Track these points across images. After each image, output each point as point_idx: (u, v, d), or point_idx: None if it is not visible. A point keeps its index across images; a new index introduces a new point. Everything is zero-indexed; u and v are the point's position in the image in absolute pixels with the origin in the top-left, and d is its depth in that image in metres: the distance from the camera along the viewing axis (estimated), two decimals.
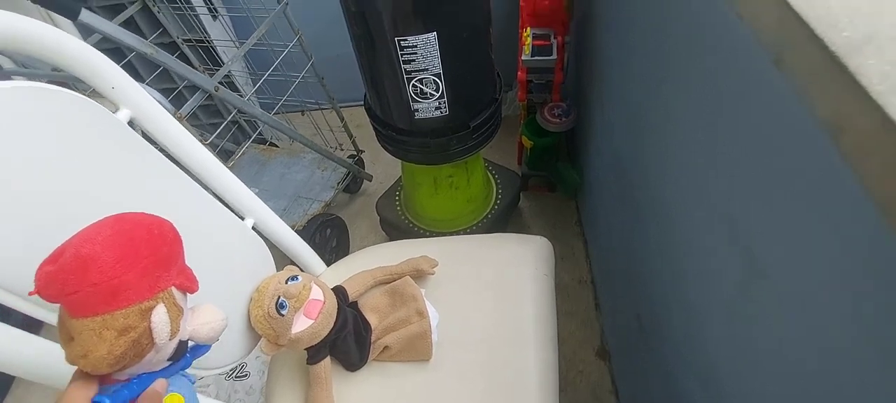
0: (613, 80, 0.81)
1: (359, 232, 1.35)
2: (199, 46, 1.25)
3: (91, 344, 0.27)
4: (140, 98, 0.44)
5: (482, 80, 0.84)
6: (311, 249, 0.72)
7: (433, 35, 0.69)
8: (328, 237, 1.21)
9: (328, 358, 0.59)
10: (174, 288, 0.31)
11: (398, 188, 1.22)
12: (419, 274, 0.66)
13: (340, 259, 0.75)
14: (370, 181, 1.43)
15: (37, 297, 0.26)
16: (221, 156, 1.28)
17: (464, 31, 0.72)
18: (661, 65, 0.59)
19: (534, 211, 1.29)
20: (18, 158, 0.35)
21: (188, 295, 0.34)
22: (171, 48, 1.23)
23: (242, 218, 0.60)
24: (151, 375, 0.31)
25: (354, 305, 0.63)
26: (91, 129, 0.40)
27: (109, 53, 0.45)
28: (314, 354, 0.58)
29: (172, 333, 0.31)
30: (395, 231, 1.19)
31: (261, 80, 1.01)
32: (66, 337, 0.27)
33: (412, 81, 0.74)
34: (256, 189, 0.85)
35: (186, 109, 0.80)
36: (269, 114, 1.01)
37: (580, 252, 1.18)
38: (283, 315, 0.53)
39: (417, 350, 0.59)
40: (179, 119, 0.71)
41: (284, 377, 0.63)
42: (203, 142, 0.54)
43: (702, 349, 0.53)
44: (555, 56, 0.93)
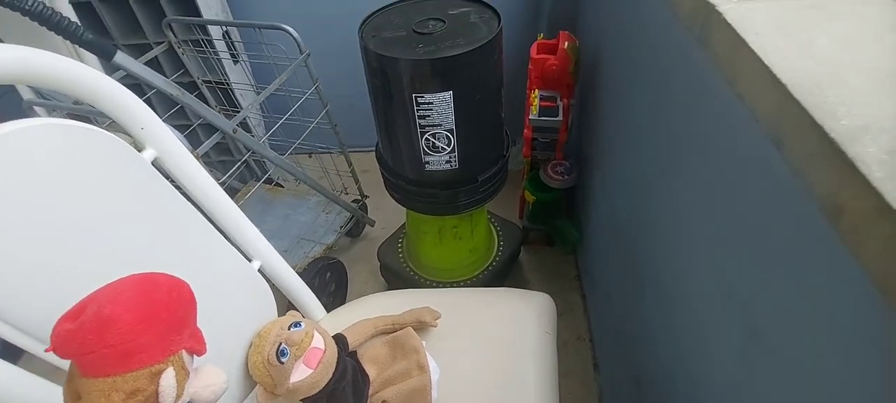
0: (615, 146, 0.84)
1: (359, 278, 1.34)
2: (218, 88, 1.29)
3: None
4: (166, 138, 0.46)
5: (492, 137, 0.87)
6: (313, 294, 0.72)
7: (449, 94, 0.72)
8: (328, 281, 1.20)
9: None
10: (184, 351, 0.31)
11: (401, 235, 1.23)
12: (421, 326, 0.65)
13: (339, 304, 0.74)
14: (372, 226, 1.43)
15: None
16: (228, 193, 1.30)
17: (477, 93, 0.76)
18: (662, 136, 0.61)
19: (533, 265, 1.29)
20: (45, 193, 0.36)
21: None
22: (191, 87, 1.28)
23: (250, 260, 0.60)
24: None
25: (354, 355, 0.62)
26: (117, 168, 0.42)
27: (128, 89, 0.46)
28: None
29: (177, 396, 0.31)
30: (396, 278, 1.18)
31: (277, 125, 1.04)
32: (74, 395, 0.27)
33: (426, 135, 0.77)
34: (260, 228, 0.86)
35: (202, 149, 0.82)
36: (281, 155, 1.03)
37: (579, 308, 1.17)
38: (284, 363, 0.52)
39: None
40: (196, 158, 0.73)
41: None
42: (217, 181, 0.55)
43: None
44: (560, 117, 0.97)
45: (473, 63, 0.73)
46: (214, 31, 1.20)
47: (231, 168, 1.00)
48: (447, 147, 0.78)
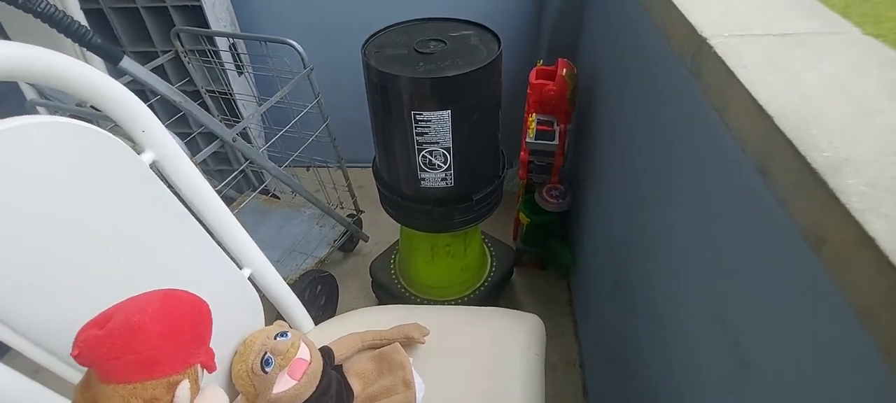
0: (610, 171, 0.85)
1: (349, 292, 1.33)
2: (221, 97, 1.31)
3: None
4: (166, 142, 0.46)
5: (488, 157, 0.88)
6: (302, 306, 0.71)
7: (447, 112, 0.74)
8: (318, 294, 1.19)
9: None
10: (199, 365, 0.32)
11: (394, 252, 1.22)
12: (409, 342, 0.65)
13: (328, 317, 0.73)
14: (366, 241, 1.43)
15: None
16: (224, 201, 1.30)
17: (475, 113, 0.77)
18: (655, 162, 0.62)
19: (525, 287, 1.29)
20: (44, 189, 0.37)
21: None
22: (194, 96, 1.29)
23: (240, 268, 0.60)
24: None
25: (339, 368, 0.61)
26: (116, 169, 0.42)
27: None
28: None
29: None
30: (387, 294, 1.17)
31: (277, 136, 1.05)
32: (89, 400, 0.28)
33: (422, 152, 0.78)
34: (253, 238, 0.85)
35: (201, 156, 0.83)
36: (278, 167, 1.04)
37: (570, 332, 1.16)
38: (267, 372, 0.51)
39: None
40: (194, 164, 0.73)
41: None
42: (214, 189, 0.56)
43: None
44: (556, 142, 0.99)
45: (472, 84, 0.74)
46: (221, 43, 1.23)
47: (229, 177, 1.00)
48: (443, 164, 0.79)
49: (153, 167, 0.46)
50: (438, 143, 0.76)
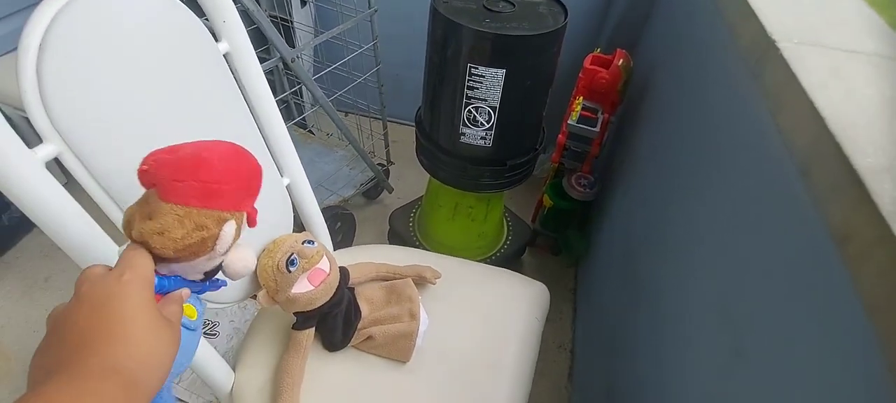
0: (644, 168, 0.85)
1: (365, 237, 1.37)
2: (282, 24, 1.34)
3: (170, 226, 0.30)
4: (241, 37, 0.50)
5: (530, 126, 0.89)
6: (327, 229, 0.75)
7: (502, 72, 0.75)
8: (337, 230, 1.24)
9: (313, 329, 0.60)
10: (246, 215, 0.35)
11: (415, 206, 1.26)
12: (420, 281, 0.68)
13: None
14: (390, 193, 1.47)
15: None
16: None
17: (528, 79, 0.78)
18: (692, 159, 0.63)
19: (534, 267, 1.31)
20: (130, 49, 0.40)
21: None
22: (248, 19, 1.32)
23: (281, 175, 0.63)
24: (183, 281, 0.35)
25: (352, 290, 0.65)
26: (195, 48, 0.45)
27: None
28: (302, 321, 0.59)
29: (228, 249, 0.35)
30: (402, 245, 1.21)
31: (327, 70, 1.08)
32: (145, 215, 0.31)
33: (469, 107, 0.79)
34: None
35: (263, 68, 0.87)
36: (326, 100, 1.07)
37: (567, 318, 1.19)
38: (291, 272, 0.55)
39: (399, 348, 0.60)
40: None
41: (262, 338, 0.64)
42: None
43: None
44: (597, 130, 0.98)
45: (532, 48, 0.75)
46: None
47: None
48: (486, 123, 0.80)
49: (226, 58, 0.49)
50: (486, 101, 0.78)
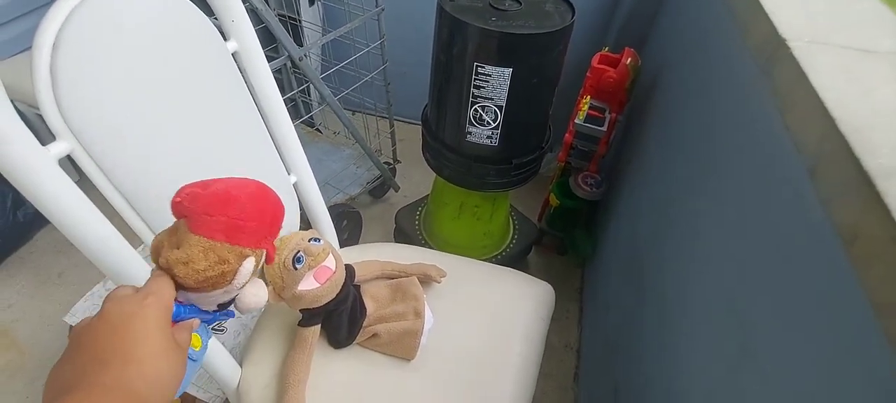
0: (651, 168, 0.84)
1: (371, 236, 1.38)
2: (290, 22, 1.35)
3: (195, 257, 0.32)
4: (249, 37, 0.50)
5: (536, 125, 0.88)
6: (333, 227, 0.75)
7: (509, 71, 0.75)
8: (343, 228, 1.24)
9: (318, 327, 0.60)
10: (266, 252, 0.37)
11: (421, 205, 1.26)
12: (426, 279, 0.68)
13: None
14: (397, 191, 1.47)
15: None
16: None
17: (535, 77, 0.78)
18: (699, 158, 0.62)
19: (540, 267, 1.31)
20: (141, 50, 0.41)
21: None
22: (257, 18, 1.33)
23: (289, 173, 0.64)
24: (198, 311, 0.36)
25: (357, 288, 0.65)
26: (203, 47, 0.46)
27: None
28: (308, 318, 0.60)
29: (244, 284, 0.36)
30: (408, 243, 1.21)
31: (334, 68, 1.08)
32: (174, 244, 0.33)
33: (475, 105, 0.79)
34: None
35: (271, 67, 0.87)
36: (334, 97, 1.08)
37: (574, 318, 1.18)
38: (297, 269, 0.55)
39: (404, 346, 0.60)
40: None
41: (269, 334, 0.64)
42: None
43: None
44: (605, 129, 0.98)
45: (539, 47, 0.75)
46: None
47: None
48: (492, 122, 0.80)
49: (234, 57, 0.50)
50: (492, 100, 0.78)
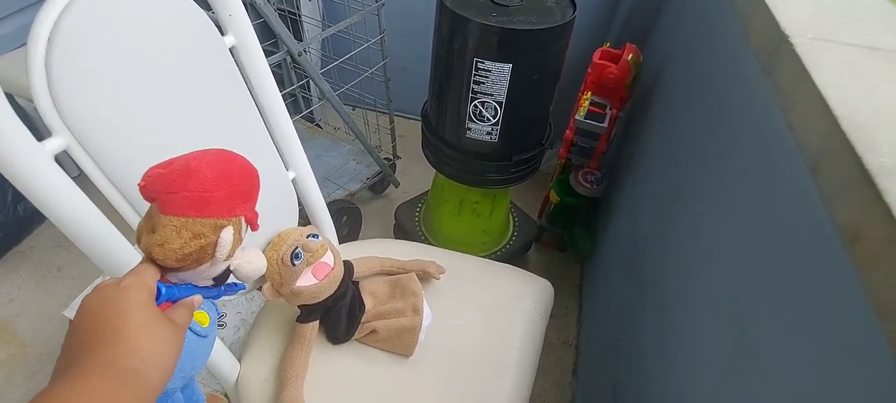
0: (652, 165, 0.84)
1: (371, 232, 1.38)
2: (289, 17, 1.34)
3: (169, 237, 0.32)
4: (247, 32, 0.50)
5: (536, 121, 0.88)
6: (332, 223, 0.75)
7: (509, 66, 0.74)
8: (342, 224, 1.24)
9: (317, 322, 0.60)
10: (244, 219, 0.36)
11: (421, 201, 1.26)
12: (424, 276, 0.68)
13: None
14: (397, 187, 1.47)
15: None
16: None
17: (535, 73, 0.77)
18: (701, 157, 0.62)
19: (540, 264, 1.31)
20: (137, 43, 0.40)
21: (247, 233, 0.38)
22: (255, 13, 1.33)
23: (287, 169, 0.63)
24: (195, 288, 0.36)
25: (356, 284, 0.65)
26: (201, 41, 0.46)
27: None
28: (307, 314, 0.60)
29: (229, 254, 0.35)
30: (407, 239, 1.21)
31: (334, 64, 1.08)
32: (149, 228, 0.32)
33: (475, 101, 0.79)
34: None
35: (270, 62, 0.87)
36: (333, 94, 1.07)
37: (573, 314, 1.18)
38: (295, 265, 0.55)
39: (402, 342, 0.60)
40: None
41: (268, 330, 0.64)
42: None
43: None
44: (606, 125, 0.97)
45: (540, 42, 0.74)
46: None
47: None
48: (492, 118, 0.80)
49: (232, 51, 0.50)
50: (492, 96, 0.77)
